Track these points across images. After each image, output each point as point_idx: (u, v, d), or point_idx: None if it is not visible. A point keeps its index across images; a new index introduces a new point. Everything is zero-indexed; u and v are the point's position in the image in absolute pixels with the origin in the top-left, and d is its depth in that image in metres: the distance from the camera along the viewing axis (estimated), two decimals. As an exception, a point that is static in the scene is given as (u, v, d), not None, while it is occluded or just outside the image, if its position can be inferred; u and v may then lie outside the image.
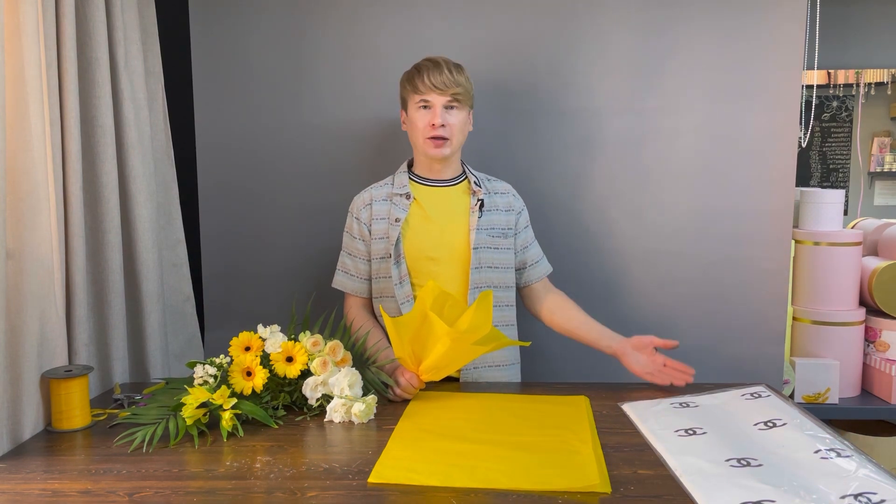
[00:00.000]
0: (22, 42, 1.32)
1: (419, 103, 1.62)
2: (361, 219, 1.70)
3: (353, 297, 1.74)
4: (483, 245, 1.67)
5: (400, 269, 1.65)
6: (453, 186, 1.72)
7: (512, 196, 1.76)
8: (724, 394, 1.49)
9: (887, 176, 5.56)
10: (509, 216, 1.73)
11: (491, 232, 1.69)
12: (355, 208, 1.72)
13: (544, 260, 1.81)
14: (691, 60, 1.93)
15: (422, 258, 1.65)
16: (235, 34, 1.99)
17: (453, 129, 1.63)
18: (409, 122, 1.67)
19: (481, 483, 1.09)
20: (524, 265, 1.77)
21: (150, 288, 1.74)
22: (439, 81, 1.59)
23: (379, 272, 1.69)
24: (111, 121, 1.63)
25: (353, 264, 1.72)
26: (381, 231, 1.68)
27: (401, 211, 1.67)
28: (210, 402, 1.31)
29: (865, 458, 1.11)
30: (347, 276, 1.73)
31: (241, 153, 2.03)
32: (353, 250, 1.72)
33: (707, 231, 1.98)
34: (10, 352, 1.27)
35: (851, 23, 2.96)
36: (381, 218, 1.68)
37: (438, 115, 1.60)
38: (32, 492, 1.08)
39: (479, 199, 1.68)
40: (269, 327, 1.46)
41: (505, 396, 1.54)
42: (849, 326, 2.18)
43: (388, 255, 1.65)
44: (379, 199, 1.70)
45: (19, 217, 1.31)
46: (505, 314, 1.73)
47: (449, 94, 1.60)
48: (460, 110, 1.64)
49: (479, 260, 1.66)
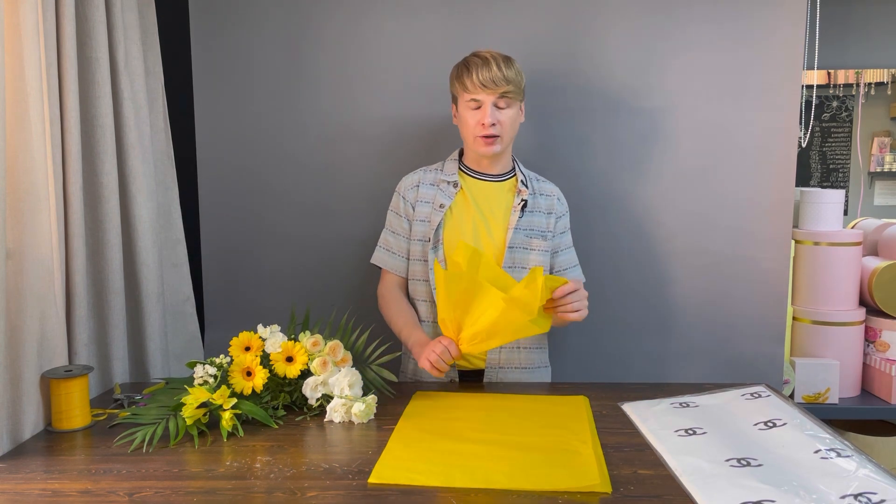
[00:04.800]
0: (22, 42, 1.32)
1: (469, 102, 1.60)
2: (408, 198, 1.71)
3: (390, 274, 1.73)
4: (518, 245, 1.67)
5: (437, 254, 1.65)
6: (500, 182, 1.71)
7: (556, 199, 1.75)
8: (724, 394, 1.49)
9: (887, 176, 5.56)
10: (549, 219, 1.72)
11: (529, 233, 1.68)
12: (402, 188, 1.72)
13: (577, 270, 1.78)
14: (691, 60, 1.93)
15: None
16: (235, 34, 1.99)
17: (504, 126, 1.61)
18: (460, 118, 1.65)
19: (481, 483, 1.09)
20: (551, 269, 1.75)
21: (150, 288, 1.74)
22: (488, 80, 1.56)
23: (415, 255, 1.69)
24: (111, 121, 1.63)
25: (395, 242, 1.72)
26: (424, 214, 1.68)
27: (446, 198, 1.67)
28: (210, 402, 1.31)
29: (865, 458, 1.11)
30: (389, 254, 1.73)
31: (241, 153, 2.03)
32: (397, 228, 1.72)
33: (707, 231, 1.98)
34: (10, 352, 1.27)
35: (851, 23, 2.96)
36: (425, 201, 1.69)
37: (488, 115, 1.58)
38: (32, 492, 1.08)
39: (523, 199, 1.68)
40: (269, 327, 1.46)
41: (505, 396, 1.54)
42: (849, 326, 2.18)
43: (427, 239, 1.66)
44: (426, 182, 1.71)
45: (19, 217, 1.31)
46: None
47: (499, 93, 1.57)
48: (511, 107, 1.61)
49: (513, 259, 1.66)
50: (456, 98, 1.66)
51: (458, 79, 1.62)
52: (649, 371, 1.99)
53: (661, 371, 1.99)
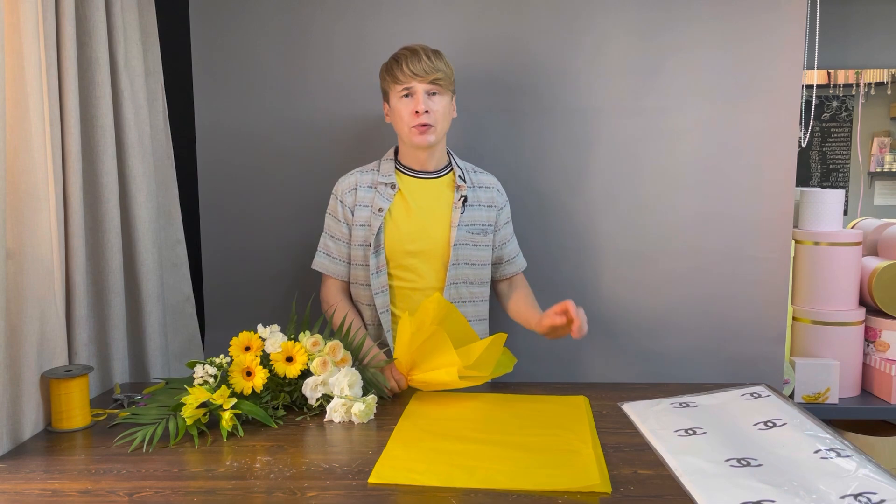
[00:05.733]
0: (22, 42, 1.32)
1: (401, 92, 1.62)
2: (345, 202, 1.70)
3: (332, 279, 1.74)
4: (462, 242, 1.67)
5: (378, 258, 1.65)
6: (438, 179, 1.71)
7: (496, 191, 1.76)
8: (724, 394, 1.49)
9: (887, 176, 5.56)
10: (490, 212, 1.73)
11: (471, 229, 1.69)
12: (339, 191, 1.71)
13: (520, 256, 1.83)
14: (691, 60, 1.93)
15: (400, 250, 1.66)
16: (235, 34, 1.99)
17: (437, 115, 1.62)
18: (393, 112, 1.66)
19: (481, 483, 1.09)
20: (500, 261, 1.79)
21: (150, 288, 1.74)
22: (419, 69, 1.59)
23: (356, 259, 1.69)
24: (111, 121, 1.63)
25: (335, 247, 1.72)
26: (363, 218, 1.68)
27: (384, 201, 1.67)
28: (210, 402, 1.31)
29: (865, 458, 1.11)
30: (329, 259, 1.73)
31: (241, 153, 2.03)
32: (336, 233, 1.72)
33: (707, 231, 1.98)
34: (10, 352, 1.27)
35: (851, 23, 2.96)
36: (364, 205, 1.68)
37: (421, 102, 1.60)
38: (32, 492, 1.08)
39: (462, 195, 1.69)
40: (269, 327, 1.46)
41: (505, 396, 1.54)
42: (849, 326, 2.18)
43: (368, 244, 1.65)
44: (364, 185, 1.70)
45: (19, 217, 1.31)
46: (479, 309, 1.74)
47: (430, 80, 1.60)
48: (442, 96, 1.63)
49: (458, 257, 1.67)
50: (387, 93, 1.67)
51: (388, 73, 1.64)
52: (649, 371, 1.99)
53: (660, 371, 1.99)
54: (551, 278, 1.97)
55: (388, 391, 1.52)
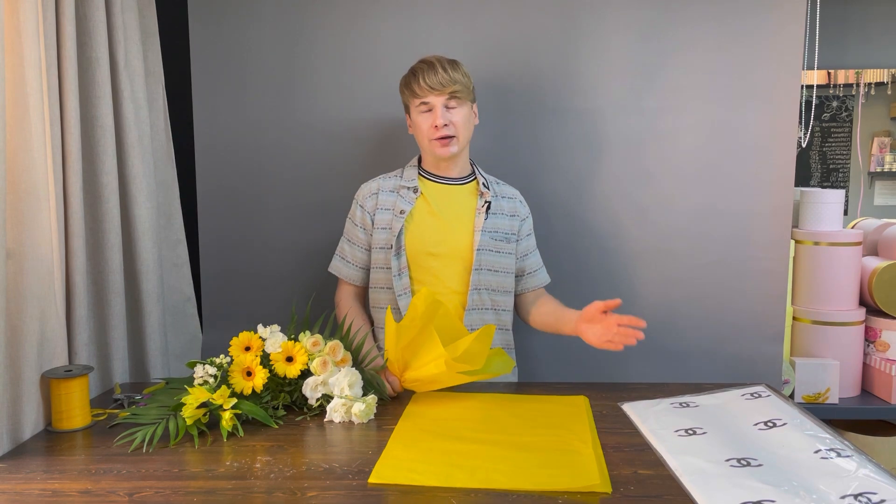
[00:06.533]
0: (22, 42, 1.32)
1: (419, 106, 1.63)
2: (366, 207, 1.70)
3: (346, 283, 1.75)
4: (486, 248, 1.67)
5: (400, 260, 1.65)
6: (461, 185, 1.72)
7: (518, 202, 1.77)
8: (724, 394, 1.49)
9: (887, 176, 5.56)
10: (513, 221, 1.73)
11: (494, 235, 1.69)
12: (361, 196, 1.72)
13: (543, 270, 1.81)
14: (691, 61, 1.94)
15: (423, 253, 1.65)
16: (235, 34, 1.99)
17: (458, 126, 1.63)
18: (414, 125, 1.67)
19: (481, 483, 1.09)
20: (522, 273, 1.77)
21: (150, 288, 1.74)
22: (435, 82, 1.59)
23: (378, 262, 1.69)
24: (111, 121, 1.63)
25: (350, 252, 1.73)
26: (384, 221, 1.68)
27: (406, 203, 1.67)
28: (210, 402, 1.31)
29: (865, 458, 1.11)
30: (344, 263, 1.74)
31: (240, 153, 2.03)
32: (353, 237, 1.72)
33: (707, 231, 1.98)
34: (10, 352, 1.27)
35: (851, 23, 2.96)
36: (385, 208, 1.68)
37: (440, 116, 1.60)
38: (32, 492, 1.08)
39: (486, 200, 1.68)
40: (268, 327, 1.46)
41: (505, 396, 1.54)
42: (849, 326, 2.18)
43: (390, 246, 1.65)
44: (386, 189, 1.70)
45: (19, 217, 1.31)
46: (501, 318, 1.73)
47: (447, 93, 1.60)
48: (462, 106, 1.63)
49: (481, 262, 1.66)
50: (408, 107, 1.68)
51: (406, 87, 1.65)
52: (649, 371, 1.99)
53: (660, 371, 1.99)
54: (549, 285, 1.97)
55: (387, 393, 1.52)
